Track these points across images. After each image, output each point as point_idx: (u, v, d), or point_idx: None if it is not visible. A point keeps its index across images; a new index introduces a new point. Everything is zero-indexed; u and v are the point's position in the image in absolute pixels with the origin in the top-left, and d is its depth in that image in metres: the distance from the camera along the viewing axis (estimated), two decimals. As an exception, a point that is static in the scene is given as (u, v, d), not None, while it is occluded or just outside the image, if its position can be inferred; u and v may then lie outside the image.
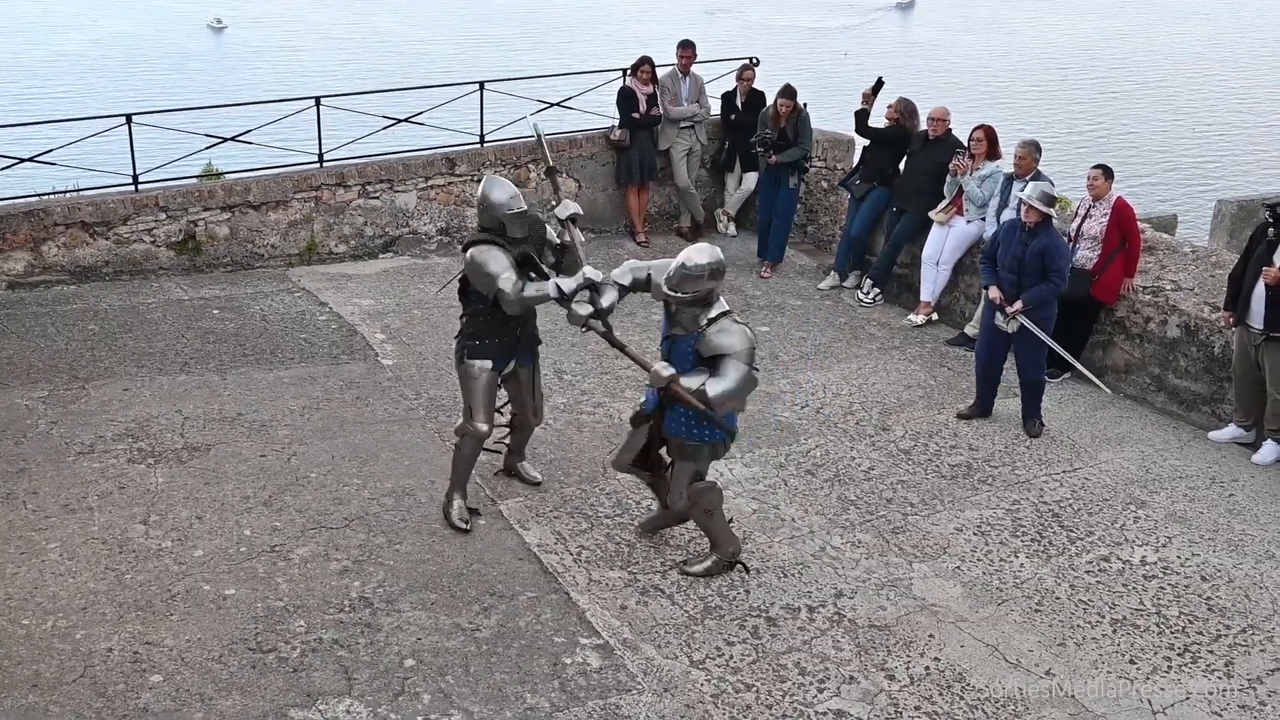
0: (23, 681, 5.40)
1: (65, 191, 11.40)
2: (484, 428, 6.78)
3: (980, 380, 8.64)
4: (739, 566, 6.56)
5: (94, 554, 6.40)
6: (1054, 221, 8.34)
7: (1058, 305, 8.35)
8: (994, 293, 8.35)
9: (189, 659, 5.62)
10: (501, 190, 6.67)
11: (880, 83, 11.16)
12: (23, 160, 10.44)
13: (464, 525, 6.82)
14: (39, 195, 11.15)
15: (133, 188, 10.62)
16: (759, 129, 11.63)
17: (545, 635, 5.96)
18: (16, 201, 10.61)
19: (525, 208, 6.72)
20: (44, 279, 10.20)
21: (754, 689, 5.67)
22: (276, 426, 7.87)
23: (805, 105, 11.78)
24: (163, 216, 10.50)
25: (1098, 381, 8.57)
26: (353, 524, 6.81)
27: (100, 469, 7.29)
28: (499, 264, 6.53)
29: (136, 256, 10.48)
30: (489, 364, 6.77)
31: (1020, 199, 8.30)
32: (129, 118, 10.48)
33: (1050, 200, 8.18)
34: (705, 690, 5.65)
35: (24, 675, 5.44)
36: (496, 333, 6.75)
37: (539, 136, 7.68)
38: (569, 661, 5.78)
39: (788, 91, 11.55)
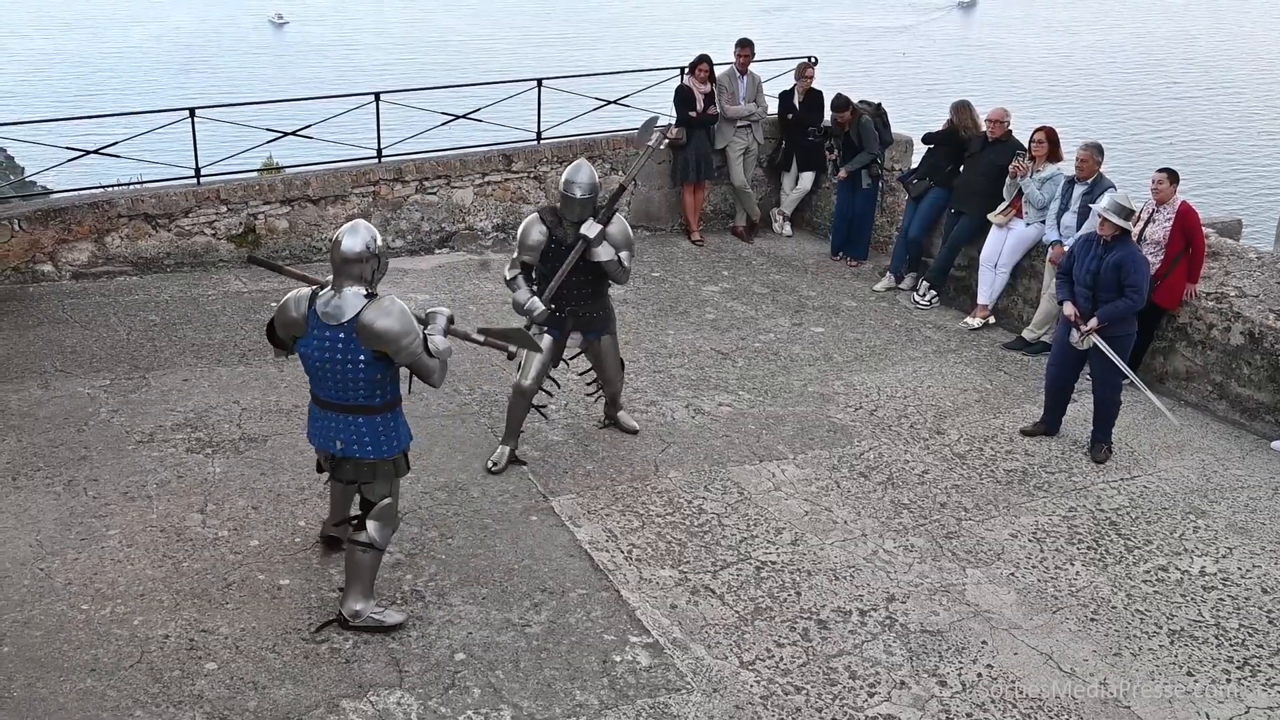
0: (81, 666, 5.49)
1: (129, 184, 11.60)
2: (525, 383, 7.39)
3: (1049, 398, 8.37)
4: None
5: (152, 541, 6.49)
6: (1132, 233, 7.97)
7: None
8: (1068, 309, 8.01)
9: (243, 647, 5.68)
10: (574, 172, 7.21)
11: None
12: (88, 153, 10.61)
13: (490, 466, 7.40)
14: (104, 187, 11.37)
15: (194, 181, 10.76)
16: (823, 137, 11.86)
17: (595, 632, 5.96)
18: (82, 193, 10.80)
19: (580, 197, 7.16)
20: (107, 270, 10.36)
21: (804, 691, 5.64)
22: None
23: (880, 106, 11.84)
24: (223, 209, 10.63)
25: (1167, 413, 8.18)
26: (405, 517, 6.84)
27: (159, 458, 7.39)
28: (523, 237, 7.30)
29: (197, 249, 10.62)
30: (546, 330, 7.41)
31: (1097, 212, 7.92)
32: (192, 111, 10.62)
33: (1127, 213, 7.76)
34: (755, 692, 5.63)
35: (82, 660, 5.53)
36: (559, 303, 7.36)
37: (649, 148, 7.93)
38: (618, 659, 5.78)
39: (839, 104, 11.63)
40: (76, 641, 5.66)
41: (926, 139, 11.23)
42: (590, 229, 7.18)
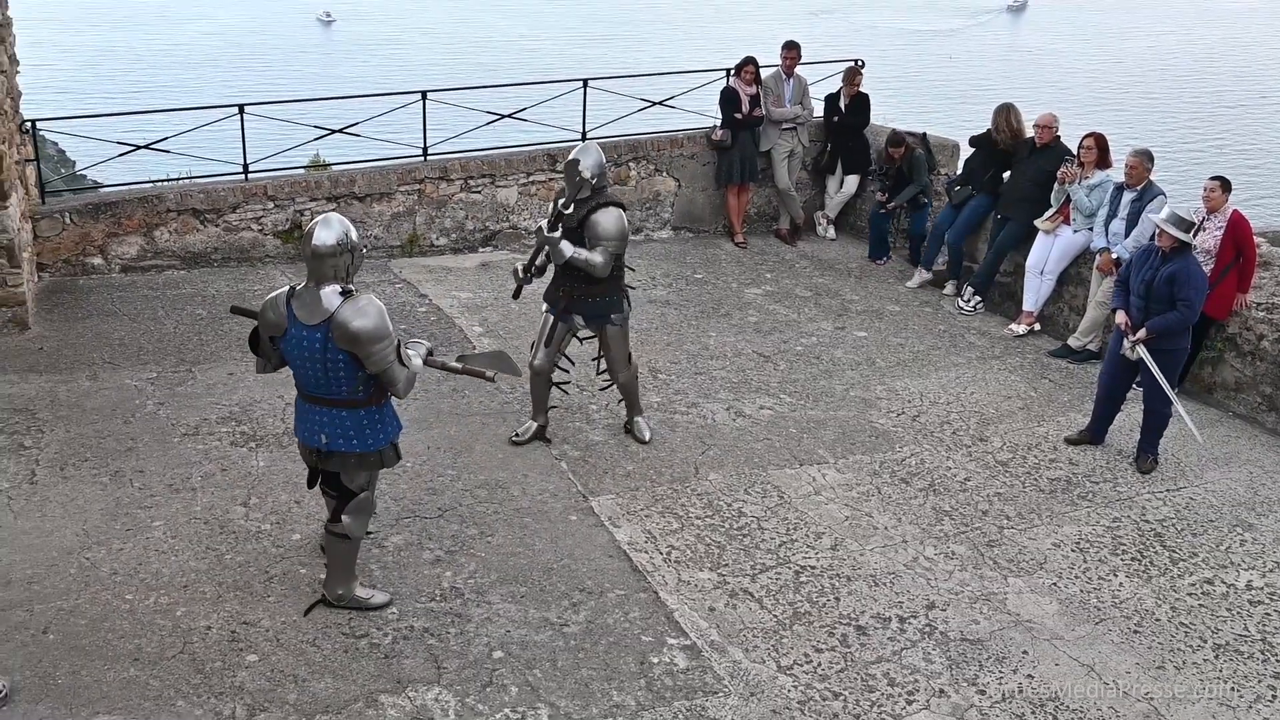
0: (125, 655, 5.55)
1: (178, 179, 11.72)
2: (535, 362, 7.66)
3: (1099, 406, 8.28)
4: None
5: (196, 533, 6.56)
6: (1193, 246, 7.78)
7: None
8: (1120, 318, 7.94)
9: (284, 640, 5.72)
10: (581, 151, 7.36)
11: None
12: (139, 148, 10.72)
13: (514, 437, 7.75)
14: (153, 182, 11.50)
15: (242, 176, 10.86)
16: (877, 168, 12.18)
17: (633, 634, 5.96)
18: (132, 187, 10.94)
19: (576, 178, 7.28)
20: (155, 264, 10.48)
21: (841, 697, 5.61)
22: (374, 415, 7.97)
23: (924, 136, 11.85)
24: (270, 205, 10.72)
25: (1195, 432, 7.99)
26: (446, 514, 6.88)
27: (204, 450, 7.46)
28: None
29: (244, 244, 10.72)
30: (546, 307, 7.67)
31: (1155, 223, 7.77)
32: (241, 108, 10.72)
33: (1186, 225, 7.59)
34: (792, 696, 5.60)
35: (126, 649, 5.59)
36: (557, 284, 7.59)
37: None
38: (656, 661, 5.77)
39: (894, 140, 11.68)
40: (121, 631, 5.72)
41: (973, 142, 11.19)
42: (554, 231, 7.32)
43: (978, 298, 10.83)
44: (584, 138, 12.07)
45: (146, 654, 5.57)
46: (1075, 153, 10.05)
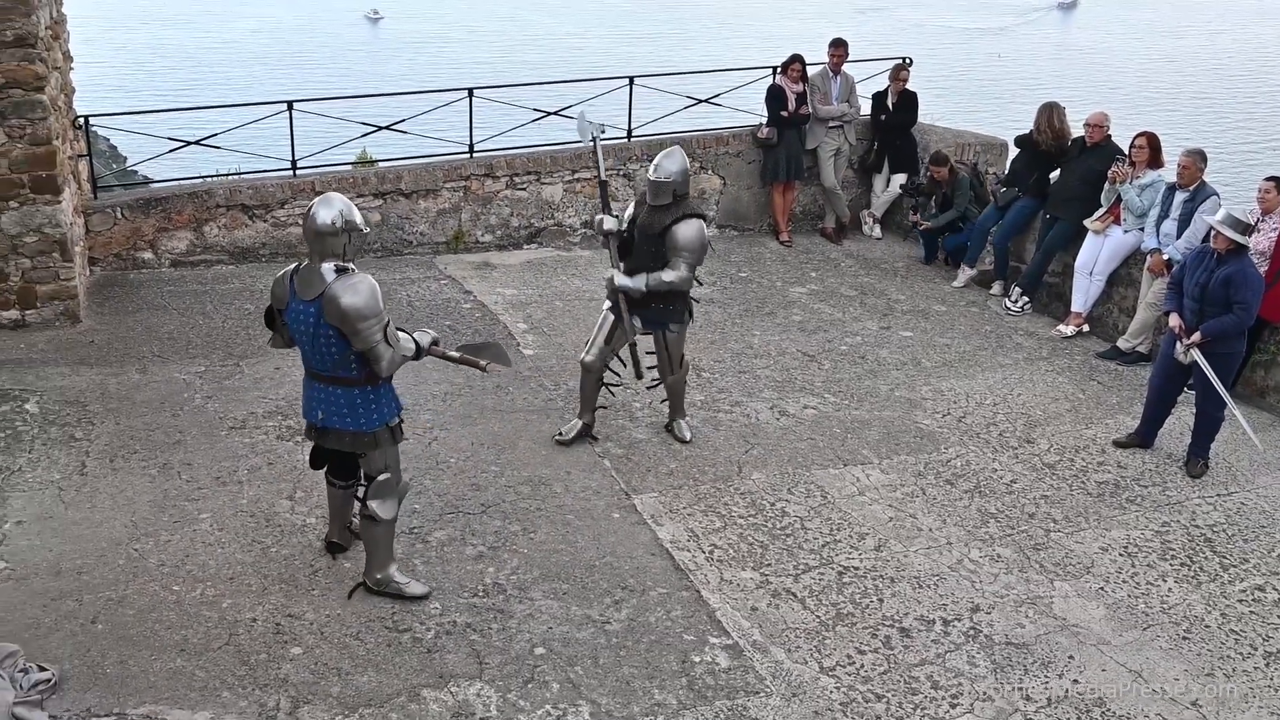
0: (172, 646, 5.61)
1: (227, 174, 11.83)
2: (586, 358, 7.62)
3: (1149, 409, 8.16)
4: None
5: (242, 526, 6.62)
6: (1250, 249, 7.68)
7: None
8: (1173, 320, 7.82)
9: (328, 633, 5.76)
10: (662, 155, 7.27)
11: None
12: (189, 143, 10.85)
13: (558, 436, 7.68)
14: (203, 177, 11.61)
15: (290, 172, 10.95)
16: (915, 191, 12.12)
17: (675, 632, 5.95)
18: (182, 183, 11.05)
19: (662, 179, 7.19)
20: (204, 258, 10.58)
21: (884, 700, 5.57)
22: (419, 411, 8.02)
23: (975, 165, 11.76)
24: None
25: (1254, 436, 7.86)
26: (489, 510, 6.89)
27: (250, 444, 7.52)
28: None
29: (291, 239, 10.80)
30: (608, 305, 7.54)
31: (1211, 225, 7.65)
32: (290, 105, 10.81)
33: (1243, 227, 7.49)
34: (834, 698, 5.57)
35: (173, 640, 5.65)
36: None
37: (595, 143, 7.88)
38: (698, 660, 5.76)
39: (938, 159, 11.59)
40: (167, 621, 5.78)
41: (1018, 142, 11.09)
42: (618, 277, 7.30)
43: (1025, 298, 10.72)
44: (629, 136, 12.08)
45: (193, 645, 5.63)
46: (1126, 152, 9.93)
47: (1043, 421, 8.52)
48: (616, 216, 7.49)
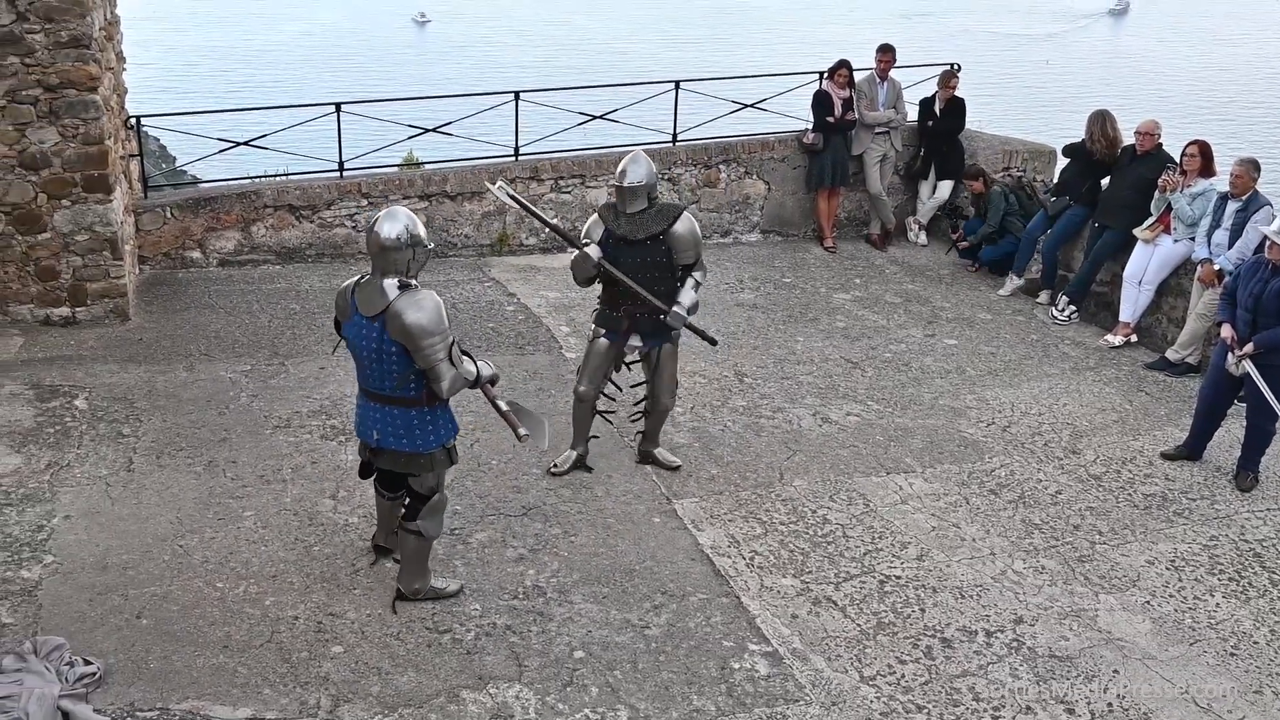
0: (215, 642, 5.65)
1: (275, 175, 11.94)
2: (581, 388, 7.32)
3: (1198, 421, 8.05)
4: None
5: (285, 524, 6.66)
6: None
7: None
8: (1225, 331, 7.72)
9: (369, 633, 5.78)
10: (627, 161, 7.01)
11: None
12: (238, 144, 10.95)
13: (552, 468, 7.37)
14: (251, 178, 11.72)
15: (337, 174, 11.03)
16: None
17: (714, 638, 5.93)
18: (231, 183, 11.17)
19: (632, 184, 6.92)
20: (251, 258, 10.68)
21: (925, 711, 5.52)
22: (461, 413, 7.97)
23: (1020, 179, 11.73)
24: (364, 203, 10.87)
25: None
26: (530, 513, 6.90)
27: (295, 443, 7.58)
28: (587, 231, 7.17)
29: (337, 240, 10.88)
30: (603, 332, 7.24)
31: (1266, 235, 7.53)
32: (338, 106, 10.89)
33: None
34: (874, 708, 5.53)
35: (216, 636, 5.70)
36: (616, 306, 7.17)
37: (512, 196, 7.41)
38: (737, 666, 5.73)
39: (972, 173, 11.59)
40: (211, 618, 5.83)
41: (1066, 151, 10.98)
42: (675, 319, 7.06)
43: (1072, 307, 10.61)
44: (674, 140, 12.07)
45: (235, 641, 5.67)
46: (1178, 160, 9.81)
47: (1089, 432, 8.43)
48: (589, 241, 7.09)
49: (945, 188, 12.40)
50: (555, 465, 7.38)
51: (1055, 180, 11.46)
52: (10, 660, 5.31)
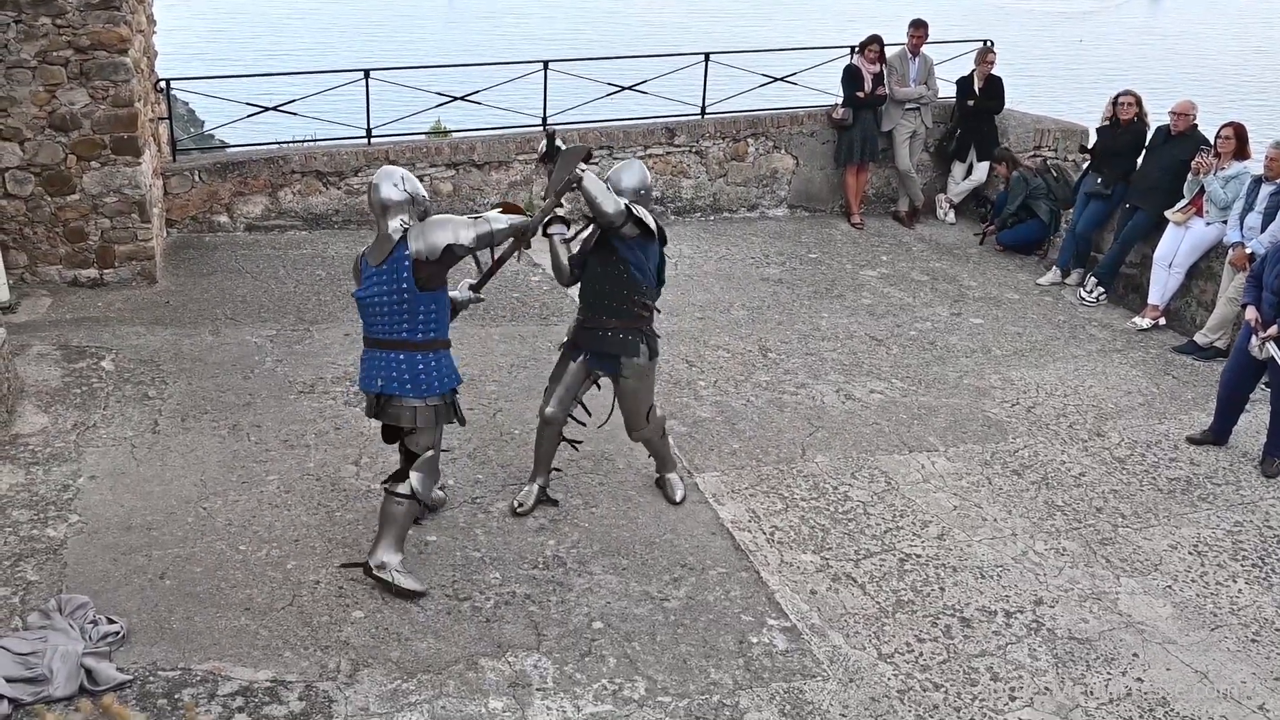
0: (237, 604, 5.70)
1: (303, 141, 11.95)
2: (545, 409, 6.51)
3: (1222, 405, 7.99)
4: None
5: (308, 489, 6.70)
6: None
7: None
8: (1250, 314, 7.68)
9: (389, 599, 5.81)
10: (624, 168, 6.73)
11: None
12: (267, 109, 10.96)
13: (516, 507, 6.58)
14: (279, 143, 11.73)
15: (365, 141, 11.03)
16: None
17: (733, 612, 5.93)
18: (259, 148, 11.18)
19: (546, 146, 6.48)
20: (278, 224, 10.70)
21: (942, 689, 5.52)
22: (485, 382, 8.06)
23: (1046, 163, 11.65)
24: (391, 170, 10.84)
25: None
26: (551, 483, 6.91)
27: (318, 409, 7.61)
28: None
29: (364, 207, 10.88)
30: (565, 342, 6.61)
31: None
32: (367, 73, 10.87)
33: None
34: (892, 685, 5.53)
35: (238, 598, 5.74)
36: (581, 315, 6.46)
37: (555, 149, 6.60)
38: (755, 641, 5.74)
39: (999, 156, 11.61)
40: (233, 580, 5.87)
41: (1099, 134, 10.89)
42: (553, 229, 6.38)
43: (1100, 289, 10.53)
44: (703, 112, 12.01)
45: (257, 604, 5.71)
46: (1212, 142, 9.70)
47: (1114, 415, 8.38)
48: (566, 220, 6.60)
49: (982, 169, 12.28)
50: (519, 505, 6.59)
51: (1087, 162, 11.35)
52: (35, 617, 5.37)
